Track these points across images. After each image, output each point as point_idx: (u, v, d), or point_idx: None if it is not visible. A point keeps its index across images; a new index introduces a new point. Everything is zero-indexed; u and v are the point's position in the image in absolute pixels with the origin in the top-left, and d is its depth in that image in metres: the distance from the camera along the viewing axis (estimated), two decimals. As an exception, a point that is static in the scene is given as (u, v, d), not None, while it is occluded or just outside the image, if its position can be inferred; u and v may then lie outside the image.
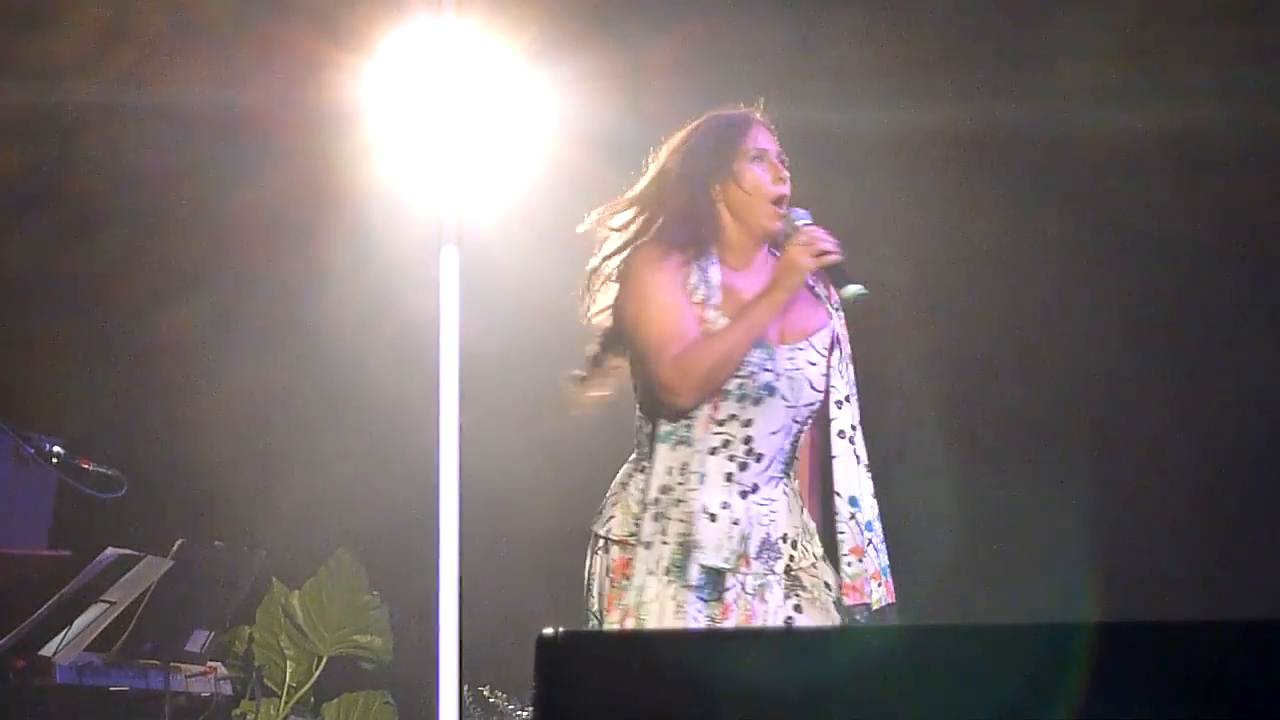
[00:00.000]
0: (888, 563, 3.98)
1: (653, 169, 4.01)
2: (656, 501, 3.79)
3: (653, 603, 3.73)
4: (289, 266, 7.57)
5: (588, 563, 3.90)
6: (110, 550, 5.43)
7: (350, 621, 7.35)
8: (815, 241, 3.86)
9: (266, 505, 7.38)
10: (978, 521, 6.54)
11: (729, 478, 3.82)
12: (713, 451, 3.82)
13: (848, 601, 3.94)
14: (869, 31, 6.86)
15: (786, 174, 3.97)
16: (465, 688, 7.14)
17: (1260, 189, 6.27)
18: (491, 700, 6.94)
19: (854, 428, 3.99)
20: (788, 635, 3.05)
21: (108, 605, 5.47)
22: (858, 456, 3.99)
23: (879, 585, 3.96)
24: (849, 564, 3.94)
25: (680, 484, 3.79)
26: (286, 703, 7.21)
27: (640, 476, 3.87)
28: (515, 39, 7.54)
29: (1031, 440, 6.57)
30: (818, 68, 6.71)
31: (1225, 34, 6.35)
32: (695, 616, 3.74)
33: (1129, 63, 6.48)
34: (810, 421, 3.96)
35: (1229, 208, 6.29)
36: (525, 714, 6.86)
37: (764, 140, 3.98)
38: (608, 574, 3.82)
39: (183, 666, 5.83)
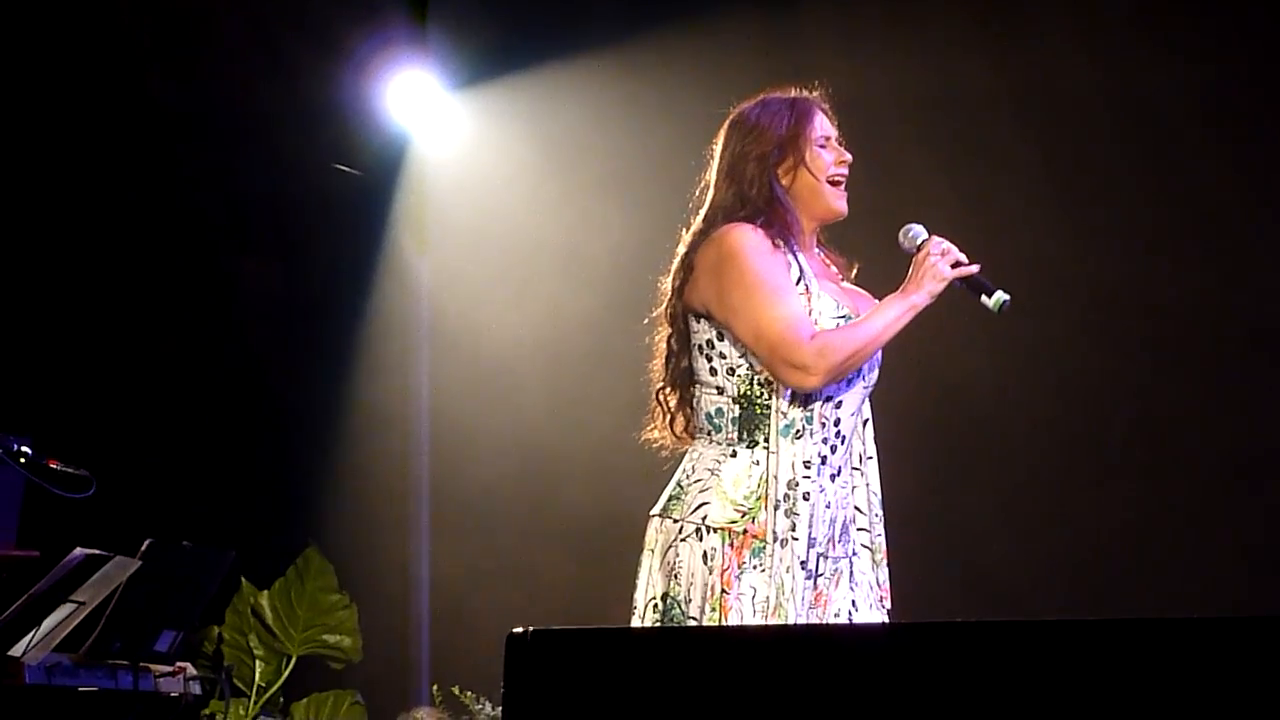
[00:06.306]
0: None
1: (720, 152, 3.98)
2: (786, 498, 3.75)
3: (790, 598, 3.73)
4: (261, 266, 7.57)
5: (663, 551, 3.81)
6: (79, 550, 5.40)
7: (319, 621, 7.35)
8: (950, 251, 3.89)
9: (235, 505, 7.38)
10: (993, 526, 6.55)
11: (824, 460, 3.83)
12: (824, 440, 3.84)
13: (886, 606, 3.93)
14: (839, 35, 6.88)
15: (849, 156, 3.99)
16: (435, 687, 7.15)
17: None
18: (462, 699, 6.95)
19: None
20: (760, 634, 3.06)
21: (76, 605, 5.45)
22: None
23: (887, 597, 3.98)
24: (883, 566, 3.97)
25: (805, 478, 3.77)
26: (256, 703, 7.21)
27: (735, 464, 3.80)
28: (484, 44, 7.56)
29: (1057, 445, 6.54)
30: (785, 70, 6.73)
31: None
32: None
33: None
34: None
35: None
36: (495, 713, 6.87)
37: (828, 124, 4.00)
38: (706, 561, 3.76)
39: (152, 667, 5.81)
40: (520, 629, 2.24)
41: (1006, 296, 3.86)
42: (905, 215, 4.02)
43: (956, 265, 3.88)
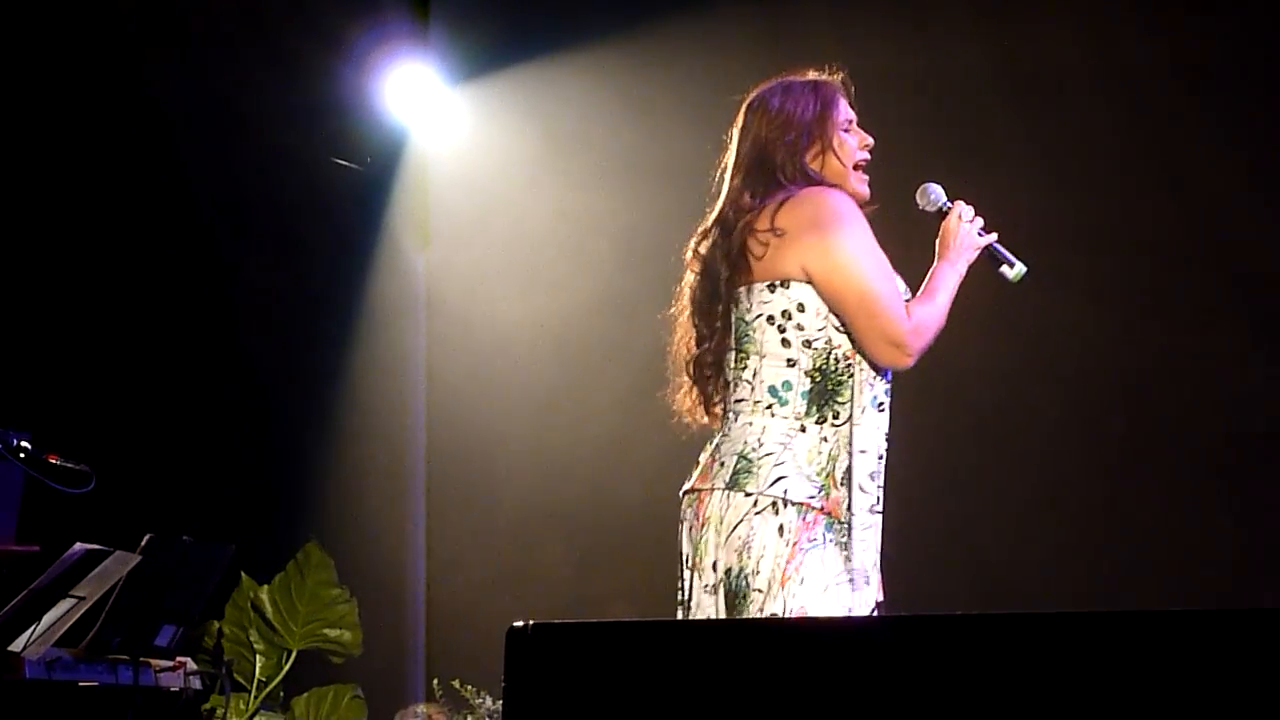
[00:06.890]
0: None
1: (741, 136, 3.93)
2: (859, 473, 3.73)
3: (874, 570, 3.73)
4: (260, 260, 7.56)
5: (733, 525, 3.72)
6: (78, 545, 5.40)
7: (319, 615, 7.35)
8: (975, 218, 3.89)
9: (234, 499, 7.37)
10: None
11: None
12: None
13: (879, 597, 3.87)
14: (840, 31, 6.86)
15: (870, 140, 3.97)
16: (435, 681, 7.15)
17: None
18: (462, 693, 6.95)
19: None
20: (758, 626, 3.06)
21: (76, 600, 5.45)
22: None
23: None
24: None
25: (886, 450, 3.77)
26: (256, 697, 7.21)
27: (805, 438, 3.73)
28: (484, 38, 7.55)
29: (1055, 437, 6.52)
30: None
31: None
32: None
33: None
34: None
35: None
36: (496, 706, 6.86)
37: (849, 109, 3.98)
38: (781, 534, 3.69)
39: (152, 661, 5.82)
40: (521, 622, 2.24)
41: (1025, 268, 3.86)
42: (902, 203, 4.01)
43: (983, 232, 3.91)
